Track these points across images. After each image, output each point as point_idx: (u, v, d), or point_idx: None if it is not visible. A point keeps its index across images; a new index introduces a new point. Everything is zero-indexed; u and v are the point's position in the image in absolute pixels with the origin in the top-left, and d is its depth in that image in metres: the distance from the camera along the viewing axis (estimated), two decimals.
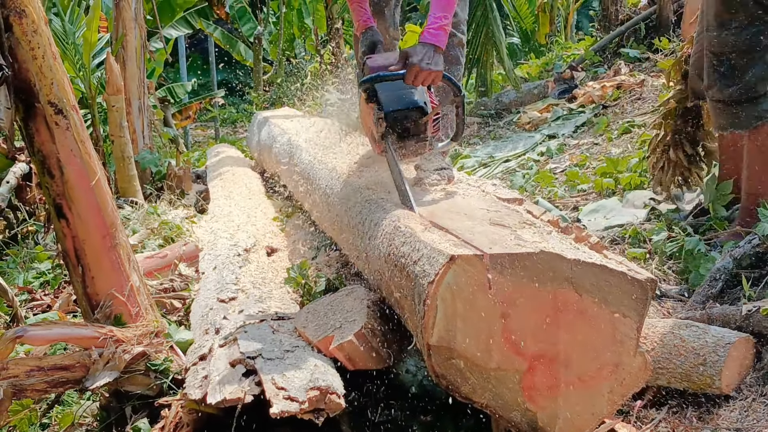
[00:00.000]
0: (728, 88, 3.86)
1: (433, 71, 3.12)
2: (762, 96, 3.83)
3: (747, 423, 2.77)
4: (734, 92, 3.85)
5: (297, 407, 2.45)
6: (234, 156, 8.67)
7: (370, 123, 3.33)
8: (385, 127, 3.23)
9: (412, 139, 3.28)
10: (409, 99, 3.21)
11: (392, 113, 3.21)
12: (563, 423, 2.41)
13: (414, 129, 3.26)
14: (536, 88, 10.49)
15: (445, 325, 2.28)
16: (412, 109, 3.21)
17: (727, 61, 3.85)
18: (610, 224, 5.05)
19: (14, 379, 2.95)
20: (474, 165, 7.82)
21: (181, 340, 3.38)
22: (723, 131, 4.06)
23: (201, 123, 18.01)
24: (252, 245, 4.75)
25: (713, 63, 3.91)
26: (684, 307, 3.61)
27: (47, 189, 3.31)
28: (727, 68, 3.86)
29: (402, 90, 3.22)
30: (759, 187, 3.97)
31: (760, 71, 3.81)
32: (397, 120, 3.23)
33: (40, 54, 3.18)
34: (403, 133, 3.26)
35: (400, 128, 3.25)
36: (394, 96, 3.22)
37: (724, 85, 3.88)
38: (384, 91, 3.24)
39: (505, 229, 2.59)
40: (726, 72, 3.86)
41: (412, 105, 3.21)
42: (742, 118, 3.87)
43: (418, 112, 3.22)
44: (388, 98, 3.22)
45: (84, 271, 3.36)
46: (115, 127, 7.73)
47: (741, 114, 3.86)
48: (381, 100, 3.23)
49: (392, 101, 3.22)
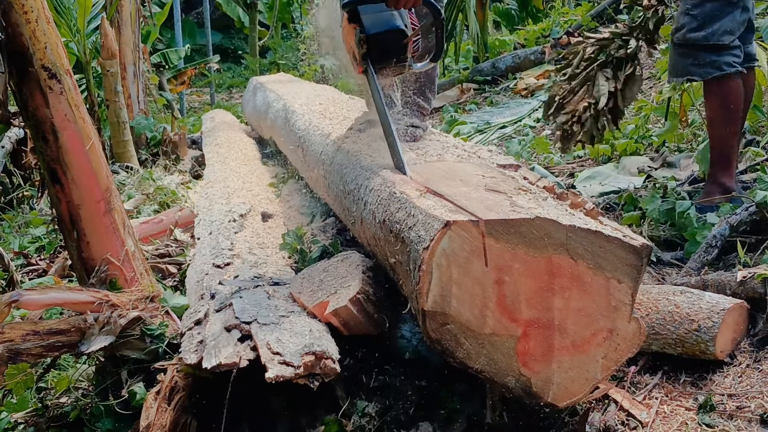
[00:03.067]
0: (696, 32, 3.98)
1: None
2: (724, 48, 3.95)
3: (740, 389, 2.79)
4: (700, 37, 3.97)
5: (292, 372, 2.46)
6: (229, 122, 8.65)
7: (352, 43, 3.38)
8: (366, 49, 3.28)
9: (393, 60, 3.33)
10: (391, 22, 3.25)
11: (374, 35, 3.25)
12: (557, 388, 2.41)
13: (395, 51, 3.31)
14: (533, 54, 10.45)
15: (440, 290, 2.28)
16: (394, 30, 3.25)
17: (702, 6, 3.96)
18: (605, 190, 5.06)
19: (10, 343, 2.96)
20: (470, 131, 7.81)
21: (176, 305, 3.38)
22: (678, 77, 4.18)
23: (196, 88, 17.93)
24: (247, 211, 4.74)
25: (687, 7, 4.03)
26: (679, 273, 3.62)
27: (41, 154, 3.30)
28: (699, 13, 3.97)
29: (384, 12, 3.26)
30: (722, 140, 4.08)
31: (729, 23, 3.94)
32: (379, 42, 3.27)
33: (33, 18, 3.16)
34: (385, 55, 3.32)
35: (382, 50, 3.30)
36: (377, 18, 3.26)
37: (692, 29, 3.99)
38: (366, 13, 3.27)
39: (500, 195, 2.58)
40: (698, 16, 3.97)
41: (394, 27, 3.25)
42: (701, 65, 4.00)
43: (399, 34, 3.26)
44: (370, 20, 3.26)
45: (79, 236, 3.36)
46: (110, 92, 7.71)
47: (701, 61, 4.00)
48: (363, 22, 3.26)
49: (374, 23, 3.25)
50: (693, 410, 2.72)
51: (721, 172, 4.10)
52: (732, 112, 4.03)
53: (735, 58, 3.97)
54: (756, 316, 3.06)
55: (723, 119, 4.05)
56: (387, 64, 3.35)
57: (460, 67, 11.57)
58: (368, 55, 3.30)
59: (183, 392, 2.79)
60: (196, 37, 20.79)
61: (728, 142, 4.08)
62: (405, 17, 3.29)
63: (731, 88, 4.00)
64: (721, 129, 4.08)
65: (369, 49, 3.27)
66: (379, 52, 3.30)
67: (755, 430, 2.56)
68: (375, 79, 3.32)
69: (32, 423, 3.17)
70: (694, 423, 2.65)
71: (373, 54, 3.30)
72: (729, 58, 3.96)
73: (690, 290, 3.06)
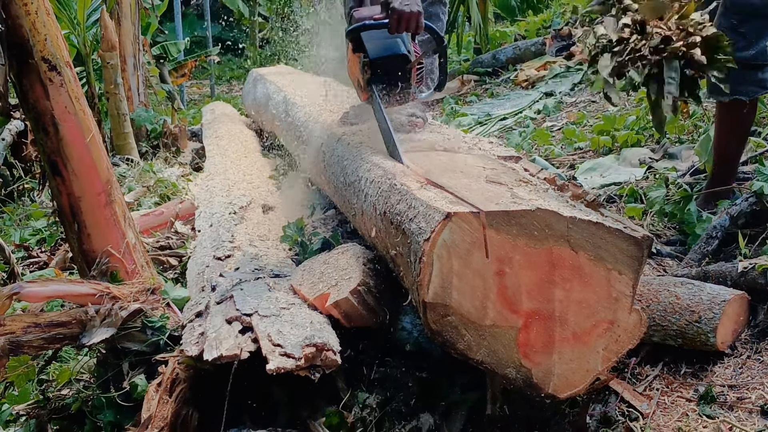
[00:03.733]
0: (747, 50, 3.75)
1: (413, 12, 3.19)
2: (766, 65, 3.77)
3: (741, 380, 2.79)
4: (749, 56, 3.75)
5: (293, 364, 2.46)
6: (230, 114, 8.63)
7: (356, 71, 3.43)
8: (370, 74, 3.32)
9: (397, 86, 3.36)
10: (394, 47, 3.29)
11: (377, 60, 3.29)
12: (558, 379, 2.42)
13: (398, 77, 3.34)
14: (534, 45, 10.43)
15: (441, 282, 2.28)
16: (397, 56, 3.29)
17: (750, 22, 3.74)
18: (606, 182, 5.05)
19: (11, 336, 2.96)
20: (471, 123, 7.80)
21: (177, 297, 3.39)
22: (722, 97, 3.88)
23: (196, 81, 17.91)
24: (248, 203, 4.74)
25: (733, 23, 3.78)
26: (680, 264, 3.61)
27: (42, 146, 3.30)
28: (748, 30, 3.75)
29: (387, 39, 3.29)
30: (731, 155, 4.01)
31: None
32: (382, 67, 3.31)
33: (33, 10, 3.16)
34: (388, 80, 3.34)
35: (385, 75, 3.33)
36: (380, 44, 3.31)
37: (741, 47, 3.74)
38: (369, 40, 3.31)
39: (501, 186, 2.58)
40: (747, 34, 3.75)
41: (397, 52, 3.29)
42: (746, 84, 3.79)
43: (402, 59, 3.30)
44: (373, 46, 3.30)
45: (80, 228, 3.36)
46: (110, 84, 7.70)
47: (747, 80, 3.78)
48: (366, 48, 3.30)
49: (377, 49, 3.30)
50: (694, 401, 2.72)
51: (720, 183, 4.04)
52: (749, 128, 3.97)
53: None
54: (756, 307, 3.06)
55: (739, 135, 3.96)
56: (391, 90, 3.36)
57: (460, 59, 11.55)
58: (372, 81, 3.33)
59: (184, 384, 2.79)
60: (196, 28, 20.77)
61: (736, 156, 4.00)
62: (408, 44, 3.33)
63: (755, 104, 3.91)
64: (733, 144, 3.98)
65: (372, 74, 3.31)
66: (382, 77, 3.33)
67: (756, 420, 2.56)
68: (380, 105, 3.32)
69: (34, 415, 3.18)
70: (694, 414, 2.65)
71: (376, 79, 3.33)
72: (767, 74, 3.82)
73: (691, 281, 3.06)
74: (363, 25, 3.30)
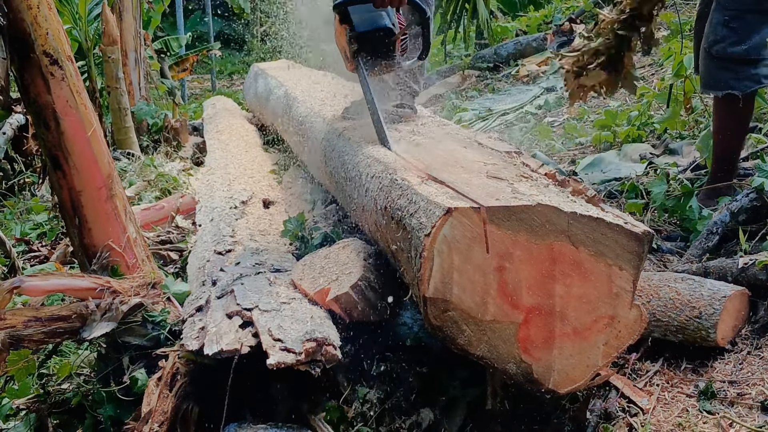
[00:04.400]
0: (737, 45, 3.79)
1: None
2: (761, 60, 3.80)
3: (741, 376, 2.79)
4: (741, 51, 3.79)
5: (293, 358, 2.46)
6: (231, 108, 8.62)
7: (343, 42, 3.55)
8: (356, 46, 3.47)
9: (382, 57, 3.52)
10: (379, 20, 3.42)
11: (363, 33, 3.43)
12: (558, 375, 2.42)
13: (383, 48, 3.48)
14: (535, 40, 10.41)
15: (441, 277, 2.28)
16: (381, 29, 3.42)
17: (742, 18, 3.77)
18: (607, 177, 5.05)
19: (12, 330, 2.96)
20: (472, 118, 7.79)
21: (178, 292, 3.39)
22: (716, 91, 3.96)
23: (197, 75, 17.89)
24: (249, 198, 4.74)
25: (726, 18, 3.82)
26: (680, 260, 3.62)
27: (43, 140, 3.30)
28: (739, 26, 3.78)
29: (372, 12, 3.42)
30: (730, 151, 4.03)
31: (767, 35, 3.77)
32: (368, 40, 3.45)
33: (35, 3, 3.16)
34: (374, 52, 3.50)
35: (371, 47, 3.48)
36: (365, 17, 3.43)
37: (733, 42, 3.80)
38: (356, 13, 3.44)
39: (502, 181, 2.58)
40: (738, 29, 3.78)
41: (382, 26, 3.42)
42: (740, 79, 3.82)
43: (386, 31, 3.43)
44: (359, 20, 3.43)
45: (81, 223, 3.36)
46: (111, 78, 7.70)
47: (741, 75, 3.82)
48: (353, 21, 3.43)
49: (363, 22, 3.43)
50: (694, 397, 2.72)
51: (721, 180, 4.05)
52: (746, 123, 3.99)
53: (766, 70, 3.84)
54: (757, 303, 3.07)
55: (736, 131, 3.97)
56: (376, 61, 3.53)
57: (461, 54, 11.54)
58: (358, 53, 3.48)
59: (184, 379, 2.79)
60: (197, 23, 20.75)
61: (735, 152, 4.02)
62: (392, 17, 3.46)
63: (752, 100, 3.92)
64: (731, 140, 3.99)
65: (359, 46, 3.46)
66: (368, 49, 3.48)
67: (756, 416, 2.56)
68: (365, 75, 3.49)
69: (34, 409, 3.18)
70: (694, 410, 2.65)
71: (362, 51, 3.48)
72: (764, 70, 3.82)
73: (691, 277, 3.06)
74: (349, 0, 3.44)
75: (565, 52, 4.60)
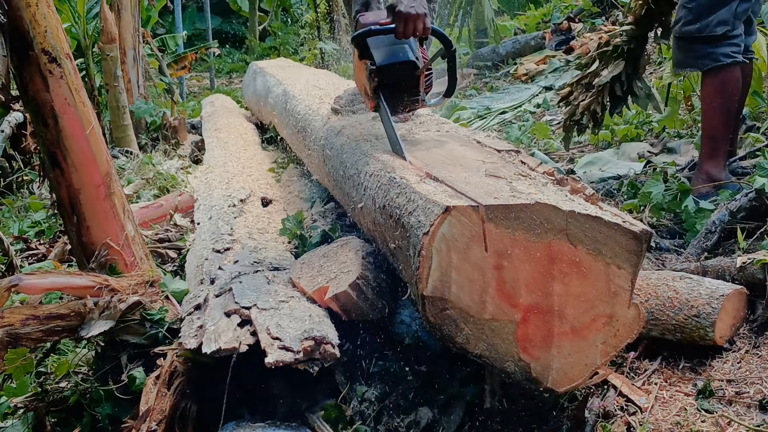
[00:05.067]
0: (691, 24, 4.02)
1: (419, 14, 3.07)
2: (720, 38, 3.97)
3: (739, 374, 2.79)
4: (693, 29, 4.01)
5: (292, 357, 2.46)
6: (229, 106, 8.63)
7: (363, 79, 3.30)
8: (377, 81, 3.19)
9: (405, 94, 3.25)
10: (401, 54, 3.17)
11: (384, 67, 3.16)
12: (556, 373, 2.42)
13: (406, 84, 3.22)
14: (533, 39, 10.43)
15: (440, 276, 2.28)
16: (404, 62, 3.16)
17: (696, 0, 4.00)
18: (605, 176, 5.06)
19: (9, 328, 2.96)
20: (470, 117, 7.80)
21: (176, 290, 3.39)
22: (680, 68, 4.26)
23: (196, 73, 17.90)
24: (247, 196, 4.74)
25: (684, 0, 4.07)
26: (679, 259, 3.61)
27: (41, 138, 3.30)
28: (695, 6, 4.01)
29: (394, 45, 3.17)
30: (714, 130, 4.12)
31: (725, 14, 3.95)
32: (389, 74, 3.18)
33: (34, 1, 3.16)
34: (395, 88, 3.22)
35: (392, 83, 3.21)
36: (386, 51, 3.18)
37: (687, 21, 4.04)
38: (376, 46, 3.20)
39: (500, 180, 2.58)
40: (693, 9, 4.02)
41: (404, 59, 3.17)
42: (698, 57, 4.05)
43: (409, 66, 3.17)
44: (379, 53, 3.18)
45: (79, 221, 3.36)
46: (110, 76, 7.70)
47: (697, 53, 4.04)
48: (373, 54, 3.18)
49: (384, 56, 3.18)
50: (692, 396, 2.72)
51: (708, 162, 4.11)
52: (727, 103, 4.05)
53: (733, 48, 3.98)
54: (755, 301, 3.06)
55: (716, 109, 4.06)
56: (399, 98, 3.26)
57: (460, 52, 11.54)
58: (379, 89, 3.21)
59: (183, 377, 2.79)
60: (196, 21, 20.76)
61: (719, 132, 4.10)
62: (416, 50, 3.22)
63: (728, 78, 4.01)
64: (713, 119, 4.09)
65: (380, 81, 3.19)
66: (390, 84, 3.21)
67: (754, 415, 2.56)
68: (388, 114, 3.22)
69: (32, 407, 3.18)
70: (693, 408, 2.65)
71: (383, 87, 3.21)
72: (726, 48, 3.97)
73: (689, 276, 3.06)
74: (368, 31, 3.18)
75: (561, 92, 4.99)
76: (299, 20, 18.27)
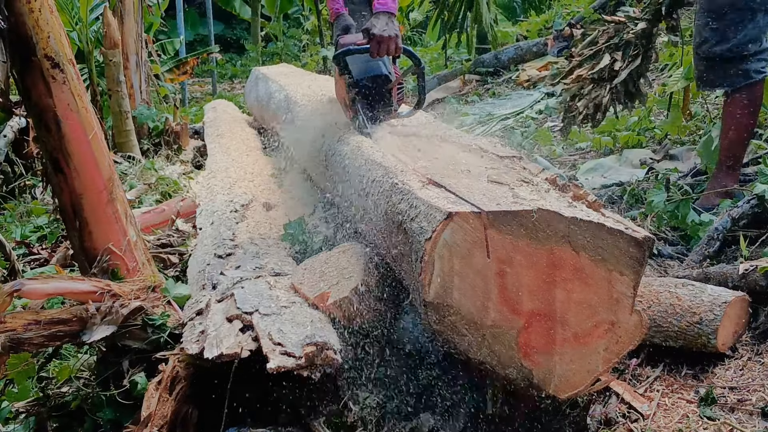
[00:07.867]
0: (720, 45, 3.94)
1: (391, 36, 3.50)
2: (751, 55, 3.92)
3: (742, 381, 2.79)
4: (726, 49, 3.93)
5: (293, 363, 2.46)
6: (231, 112, 8.62)
7: (342, 92, 3.74)
8: (354, 93, 3.65)
9: (379, 105, 3.69)
10: (376, 69, 3.64)
11: (361, 80, 3.63)
12: (558, 380, 2.42)
13: (380, 95, 3.67)
14: (535, 45, 10.43)
15: (442, 282, 2.28)
16: (378, 76, 3.64)
17: (723, 18, 3.91)
18: (607, 183, 5.06)
19: (11, 333, 2.96)
20: (472, 123, 7.80)
21: (178, 295, 3.38)
22: (708, 87, 4.18)
23: (199, 79, 17.91)
24: (249, 201, 4.74)
25: (708, 20, 3.97)
26: (681, 265, 3.61)
27: (44, 143, 3.30)
28: (721, 26, 3.92)
29: (369, 62, 3.63)
30: (735, 143, 4.09)
31: (753, 31, 3.88)
32: (365, 86, 3.64)
33: (36, 7, 3.15)
34: (371, 99, 3.67)
35: (368, 94, 3.66)
36: (363, 66, 3.65)
37: (716, 42, 3.95)
38: (353, 63, 3.66)
39: (502, 186, 2.58)
40: (720, 29, 3.93)
41: (378, 73, 3.64)
42: (728, 76, 3.97)
43: (383, 79, 3.64)
44: (356, 68, 3.65)
45: (81, 226, 3.36)
46: (112, 81, 7.70)
47: (728, 72, 3.96)
48: (351, 70, 3.64)
49: (361, 71, 3.65)
50: (694, 403, 2.72)
51: (726, 175, 4.08)
52: (752, 116, 4.02)
53: (762, 64, 3.94)
54: (758, 309, 3.06)
55: (742, 124, 4.02)
56: (374, 107, 3.70)
57: (462, 58, 11.55)
58: (356, 100, 3.68)
59: (184, 382, 2.79)
60: (198, 26, 20.76)
61: (740, 145, 4.06)
62: (389, 66, 3.70)
63: (758, 93, 3.99)
64: (737, 133, 4.05)
65: (357, 93, 3.66)
66: (366, 95, 3.66)
67: (756, 423, 2.56)
68: (365, 122, 3.66)
69: (33, 412, 3.18)
70: (695, 416, 2.65)
71: (361, 97, 3.67)
72: (756, 65, 3.93)
73: (692, 283, 3.06)
74: (347, 50, 3.63)
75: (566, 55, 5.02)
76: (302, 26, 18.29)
